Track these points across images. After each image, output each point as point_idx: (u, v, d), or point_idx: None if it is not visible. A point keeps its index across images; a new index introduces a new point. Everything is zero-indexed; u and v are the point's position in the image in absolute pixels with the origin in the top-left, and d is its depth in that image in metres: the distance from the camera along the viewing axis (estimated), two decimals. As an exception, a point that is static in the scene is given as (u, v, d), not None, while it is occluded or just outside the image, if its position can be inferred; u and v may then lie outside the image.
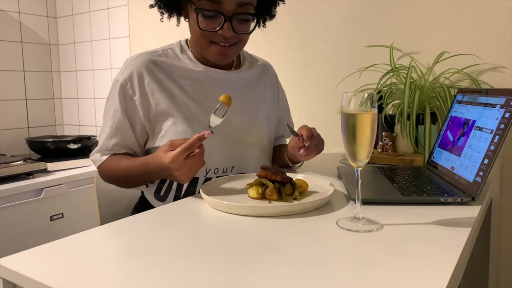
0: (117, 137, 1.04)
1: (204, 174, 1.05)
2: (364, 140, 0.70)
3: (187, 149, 0.84)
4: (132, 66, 1.03)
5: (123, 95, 1.02)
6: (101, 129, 1.07)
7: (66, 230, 1.98)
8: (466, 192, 0.84)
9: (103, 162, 1.05)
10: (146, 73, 1.02)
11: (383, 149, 1.32)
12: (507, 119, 0.82)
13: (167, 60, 1.06)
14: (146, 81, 1.02)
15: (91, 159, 1.08)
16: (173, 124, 1.02)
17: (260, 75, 1.20)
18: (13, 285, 0.58)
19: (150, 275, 0.54)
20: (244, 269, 0.55)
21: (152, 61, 1.04)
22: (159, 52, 1.07)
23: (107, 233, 0.73)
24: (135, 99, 1.02)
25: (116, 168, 1.02)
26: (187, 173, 0.87)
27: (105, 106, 1.07)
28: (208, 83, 1.07)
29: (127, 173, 1.00)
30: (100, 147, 1.05)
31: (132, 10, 2.27)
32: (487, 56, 1.39)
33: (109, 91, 1.06)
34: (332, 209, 0.81)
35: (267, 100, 1.20)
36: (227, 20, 0.96)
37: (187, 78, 1.06)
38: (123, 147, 1.05)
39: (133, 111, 1.03)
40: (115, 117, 1.03)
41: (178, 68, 1.06)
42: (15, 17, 2.40)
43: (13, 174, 1.87)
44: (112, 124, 1.03)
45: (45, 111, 2.59)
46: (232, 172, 1.09)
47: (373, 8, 1.58)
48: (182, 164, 0.85)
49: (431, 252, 0.61)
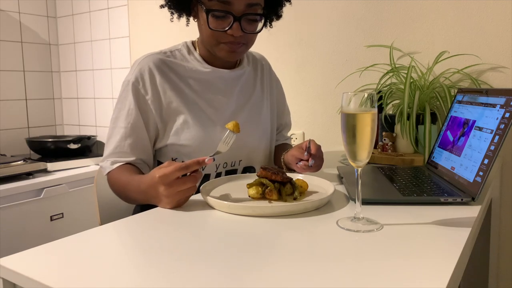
0: (132, 137, 1.02)
1: (215, 169, 1.07)
2: (364, 140, 0.70)
3: (182, 168, 0.79)
4: (142, 65, 1.04)
5: (136, 94, 1.02)
6: (111, 132, 1.04)
7: (66, 230, 1.98)
8: (466, 192, 0.84)
9: (111, 172, 1.02)
10: (157, 72, 1.04)
11: (383, 149, 1.32)
12: (507, 119, 0.82)
13: (176, 61, 1.08)
14: (158, 80, 1.04)
15: (101, 165, 1.05)
16: (184, 122, 1.04)
17: (258, 68, 1.23)
18: (13, 285, 0.58)
19: (150, 275, 0.54)
20: (244, 269, 0.55)
21: (162, 61, 1.05)
22: (167, 53, 1.09)
23: (107, 233, 0.72)
24: (148, 98, 1.03)
25: (118, 180, 0.99)
26: (173, 194, 0.80)
27: (115, 108, 1.06)
28: (216, 82, 1.10)
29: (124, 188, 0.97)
30: (114, 148, 1.02)
31: (132, 10, 2.27)
32: (487, 56, 1.39)
33: (120, 92, 1.05)
34: (332, 209, 0.81)
35: (267, 92, 1.23)
36: (236, 20, 0.97)
37: (195, 78, 1.08)
38: (137, 150, 1.03)
39: (146, 110, 1.03)
40: (130, 116, 1.02)
41: (186, 69, 1.08)
42: (15, 17, 2.40)
43: (13, 174, 1.87)
44: (127, 124, 1.02)
45: (45, 111, 2.59)
46: (239, 165, 1.12)
47: (373, 8, 1.58)
48: (172, 183, 0.79)
49: (431, 252, 0.61)
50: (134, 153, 1.03)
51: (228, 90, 1.12)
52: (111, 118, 1.06)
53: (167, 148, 1.06)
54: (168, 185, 0.79)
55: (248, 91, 1.17)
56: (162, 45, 1.12)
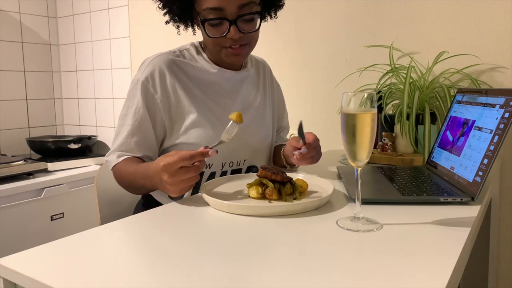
0: (139, 135, 1.04)
1: (221, 168, 1.09)
2: (364, 140, 0.70)
3: (186, 158, 0.81)
4: (153, 64, 1.05)
5: (145, 92, 1.03)
6: (118, 129, 1.06)
7: (66, 230, 1.98)
8: (465, 192, 0.85)
9: (117, 164, 1.04)
10: (168, 72, 1.05)
11: (383, 149, 1.32)
12: (506, 119, 0.82)
13: (185, 60, 1.09)
14: (168, 79, 1.05)
15: (107, 159, 1.07)
16: (194, 121, 1.05)
17: (260, 71, 1.25)
18: (14, 285, 0.58)
19: (150, 275, 0.54)
20: (244, 269, 0.56)
21: (173, 61, 1.07)
22: (176, 52, 1.10)
23: (107, 233, 0.73)
24: (157, 97, 1.04)
25: (125, 171, 1.01)
26: (177, 183, 0.82)
27: (124, 105, 1.07)
28: (223, 83, 1.12)
29: (132, 177, 0.99)
30: (120, 145, 1.04)
31: (132, 10, 2.27)
32: (487, 56, 1.39)
33: (129, 90, 1.07)
34: (332, 209, 0.81)
35: (269, 94, 1.25)
36: (232, 23, 0.98)
37: (204, 78, 1.10)
38: (143, 147, 1.05)
39: (154, 108, 1.04)
40: (137, 114, 1.03)
41: (196, 69, 1.09)
42: (15, 17, 2.40)
43: (13, 174, 1.87)
44: (134, 122, 1.04)
45: (45, 111, 2.60)
46: (244, 164, 1.14)
47: (373, 8, 1.58)
48: (175, 172, 0.81)
49: (430, 252, 0.61)
50: (140, 150, 1.05)
51: (234, 92, 1.14)
52: (120, 115, 1.08)
53: (176, 147, 1.07)
54: (172, 173, 0.81)
55: (252, 93, 1.19)
56: (162, 45, 1.13)
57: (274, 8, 1.13)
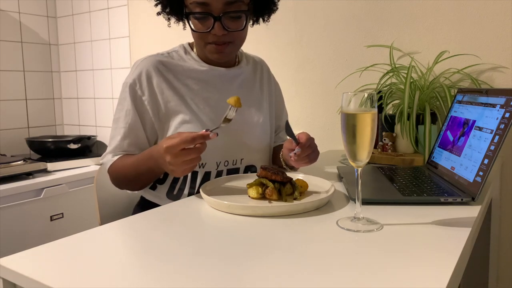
0: (131, 137, 1.06)
1: (216, 168, 1.08)
2: (364, 140, 0.70)
3: (187, 141, 0.83)
4: (140, 67, 1.06)
5: (133, 95, 1.05)
6: (112, 132, 1.08)
7: (66, 230, 1.98)
8: (466, 192, 0.84)
9: (113, 163, 1.05)
10: (155, 73, 1.06)
11: (383, 149, 1.32)
12: (507, 119, 0.82)
13: (173, 61, 1.10)
14: (155, 81, 1.05)
15: (102, 161, 1.09)
16: (183, 122, 1.05)
17: (257, 71, 1.24)
18: (13, 285, 0.58)
19: (150, 275, 0.54)
20: (244, 269, 0.55)
21: (160, 62, 1.07)
22: (164, 54, 1.11)
23: (107, 233, 0.72)
24: (144, 98, 1.05)
25: (123, 165, 1.03)
26: (179, 164, 0.85)
27: (116, 109, 1.09)
28: (213, 81, 1.12)
29: (134, 165, 1.00)
30: (114, 148, 1.06)
31: (132, 10, 2.27)
32: (487, 56, 1.39)
33: (120, 94, 1.08)
34: (332, 209, 0.81)
35: (267, 94, 1.24)
36: (216, 20, 0.98)
37: (193, 77, 1.10)
38: (137, 148, 1.07)
39: (142, 110, 1.05)
40: (128, 117, 1.05)
41: (184, 68, 1.09)
42: (15, 17, 2.40)
43: (13, 174, 1.86)
44: (126, 125, 1.05)
45: (45, 111, 2.59)
46: (241, 163, 1.12)
47: (373, 8, 1.58)
48: (177, 154, 0.84)
49: (431, 252, 0.61)
50: (134, 151, 1.07)
51: (225, 88, 1.13)
52: (113, 119, 1.09)
53: None
54: (174, 155, 0.84)
55: (247, 91, 1.18)
56: (162, 45, 1.13)
57: (268, 11, 1.13)
